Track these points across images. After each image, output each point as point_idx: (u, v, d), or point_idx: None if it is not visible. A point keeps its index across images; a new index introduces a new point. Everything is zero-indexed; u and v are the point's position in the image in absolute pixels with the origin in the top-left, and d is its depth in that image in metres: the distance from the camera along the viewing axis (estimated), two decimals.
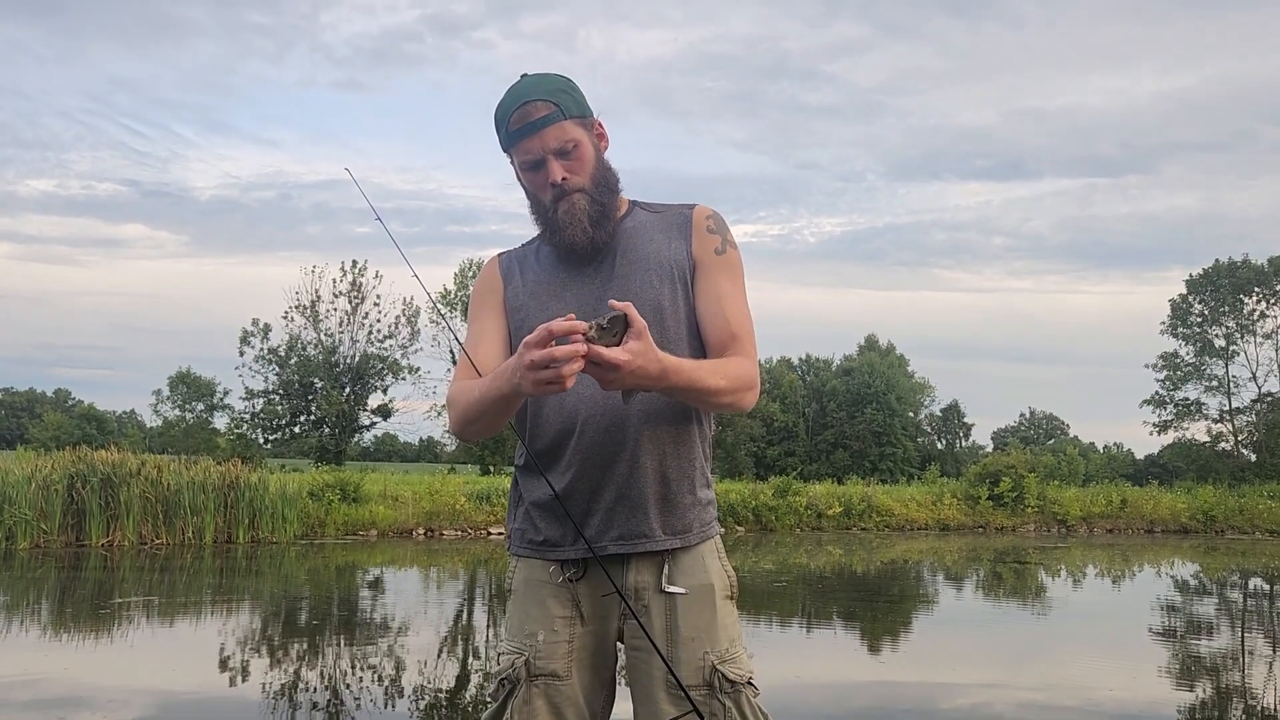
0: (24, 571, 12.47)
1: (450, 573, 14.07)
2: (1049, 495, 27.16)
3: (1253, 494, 29.83)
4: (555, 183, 1.83)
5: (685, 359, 1.74)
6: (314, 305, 39.11)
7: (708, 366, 1.78)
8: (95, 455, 16.25)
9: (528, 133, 1.82)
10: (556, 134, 1.82)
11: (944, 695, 6.34)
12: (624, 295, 1.85)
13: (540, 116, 1.81)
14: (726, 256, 1.91)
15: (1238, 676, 7.28)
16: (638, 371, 1.58)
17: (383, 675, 6.64)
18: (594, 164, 1.87)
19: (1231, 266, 43.50)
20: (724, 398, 1.77)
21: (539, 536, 1.89)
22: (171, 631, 8.39)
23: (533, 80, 1.86)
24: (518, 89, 1.85)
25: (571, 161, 1.84)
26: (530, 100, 1.82)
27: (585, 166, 1.85)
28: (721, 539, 1.97)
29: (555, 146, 1.82)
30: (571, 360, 1.51)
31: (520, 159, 1.86)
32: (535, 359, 1.52)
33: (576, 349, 1.51)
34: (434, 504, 20.30)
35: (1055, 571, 15.83)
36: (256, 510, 17.09)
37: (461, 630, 9.03)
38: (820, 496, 25.06)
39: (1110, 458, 57.09)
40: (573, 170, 1.84)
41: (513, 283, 1.97)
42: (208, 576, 12.74)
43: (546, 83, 1.85)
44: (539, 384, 1.54)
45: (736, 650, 1.84)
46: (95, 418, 62.18)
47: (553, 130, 1.81)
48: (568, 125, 1.83)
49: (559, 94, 1.83)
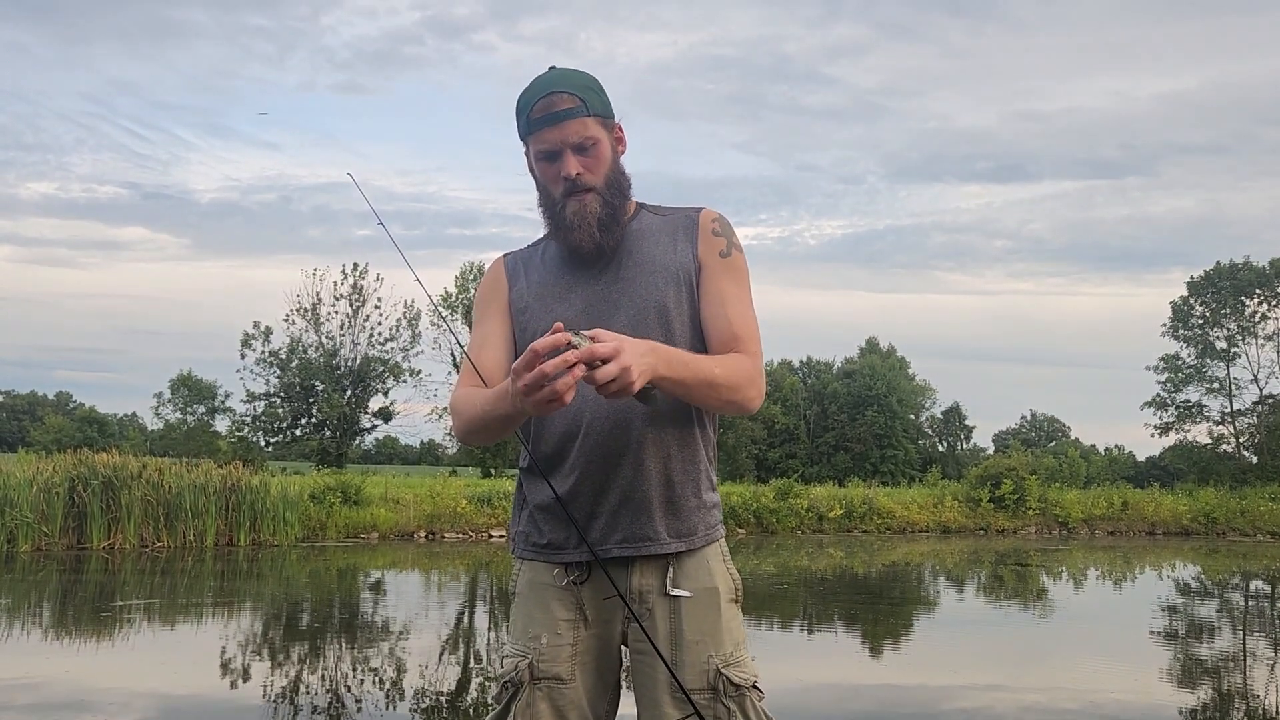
0: (25, 574, 12.47)
1: (451, 575, 14.06)
2: (1050, 497, 27.13)
3: (1254, 496, 29.79)
4: (569, 177, 1.82)
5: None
6: (315, 308, 39.15)
7: (703, 355, 1.79)
8: (96, 458, 16.26)
9: (550, 122, 1.81)
10: (578, 129, 1.82)
11: (945, 698, 6.33)
12: (630, 298, 1.85)
13: (565, 109, 1.81)
14: (731, 259, 1.90)
15: (1239, 679, 7.27)
16: (634, 347, 1.57)
17: (384, 678, 6.64)
18: (609, 166, 1.86)
19: (1233, 268, 43.46)
20: (723, 391, 1.76)
21: (543, 539, 1.88)
22: (172, 634, 8.39)
23: (561, 73, 1.85)
24: (545, 79, 1.85)
25: (588, 159, 1.83)
26: (557, 91, 1.81)
27: (601, 166, 1.85)
28: (725, 542, 1.96)
29: (575, 141, 1.82)
30: (563, 373, 1.50)
31: (537, 148, 1.85)
32: (528, 382, 1.52)
33: (564, 358, 1.50)
34: (435, 507, 20.30)
35: (1056, 574, 15.82)
36: (258, 513, 17.09)
37: (463, 633, 9.02)
38: (821, 499, 25.04)
39: (1111, 460, 57.02)
40: (588, 168, 1.83)
41: (518, 284, 1.96)
42: (209, 579, 12.74)
43: (575, 77, 1.85)
44: (539, 404, 1.54)
45: (741, 654, 1.84)
46: (96, 420, 62.17)
47: (575, 124, 1.81)
48: (590, 122, 1.83)
49: (586, 90, 1.84)
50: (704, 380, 1.73)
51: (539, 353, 1.51)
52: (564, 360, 1.50)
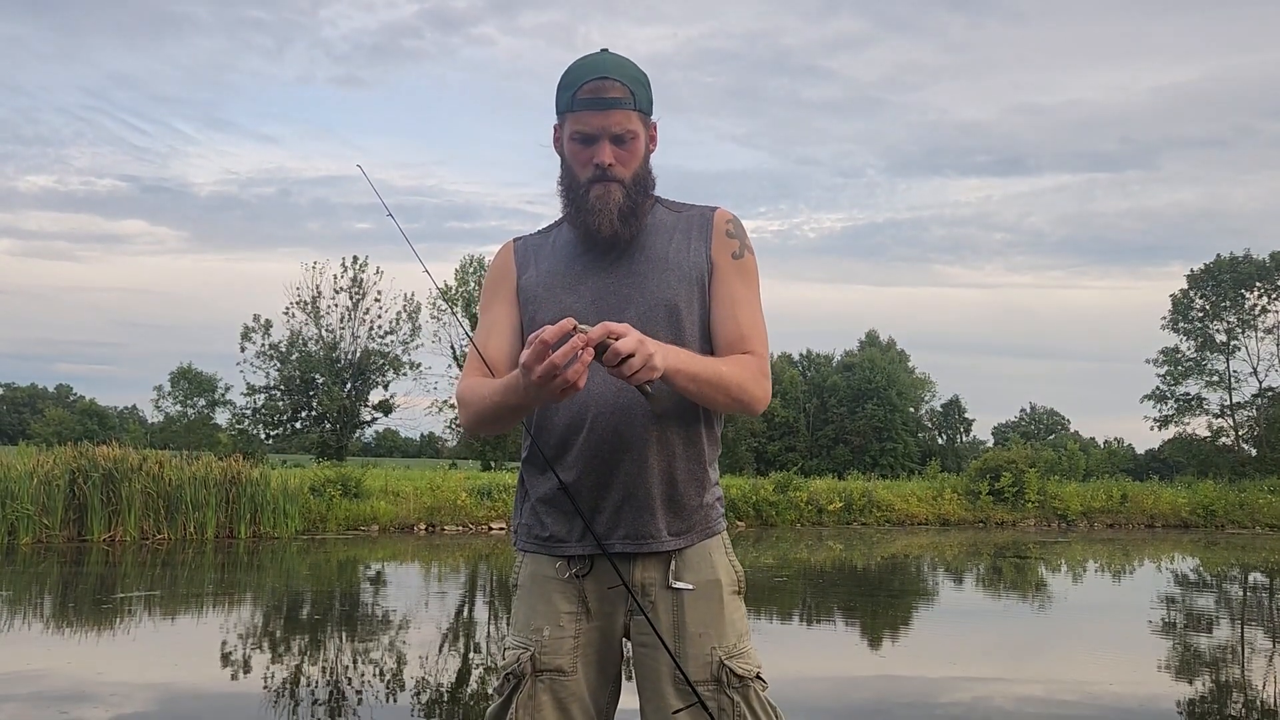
0: (26, 566, 12.49)
1: (451, 568, 14.09)
2: (1049, 490, 27.16)
3: (1253, 489, 29.83)
4: (601, 165, 1.81)
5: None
6: (315, 301, 39.09)
7: (711, 357, 1.80)
8: (97, 451, 16.27)
9: (596, 107, 1.80)
10: (622, 119, 1.81)
11: (944, 690, 6.35)
12: (641, 293, 1.85)
13: (614, 96, 1.80)
14: (744, 261, 1.91)
15: (1237, 671, 7.29)
16: (644, 339, 1.58)
17: (384, 670, 6.66)
18: (640, 162, 1.86)
19: (1233, 261, 43.45)
20: (732, 390, 1.77)
21: (545, 532, 1.88)
22: (173, 626, 8.41)
23: (616, 60, 1.84)
24: (599, 60, 1.83)
25: (624, 151, 1.83)
26: (610, 77, 1.81)
27: (634, 161, 1.84)
28: (727, 534, 1.97)
29: (616, 131, 1.81)
30: (573, 360, 1.50)
31: (575, 127, 1.83)
32: (540, 374, 1.52)
33: (573, 344, 1.50)
34: (435, 499, 20.32)
35: (1055, 566, 15.84)
36: (258, 506, 17.11)
37: (463, 625, 9.04)
38: (821, 492, 25.06)
39: (1111, 453, 56.99)
40: (621, 160, 1.82)
41: (527, 271, 1.94)
42: (209, 572, 12.76)
43: (629, 68, 1.84)
44: (553, 394, 1.54)
45: (745, 645, 1.85)
46: (97, 413, 62.24)
47: (620, 115, 1.81)
48: (634, 116, 1.83)
49: (637, 84, 1.83)
50: (713, 379, 1.74)
51: (547, 343, 1.51)
52: (572, 347, 1.50)
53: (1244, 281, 43.10)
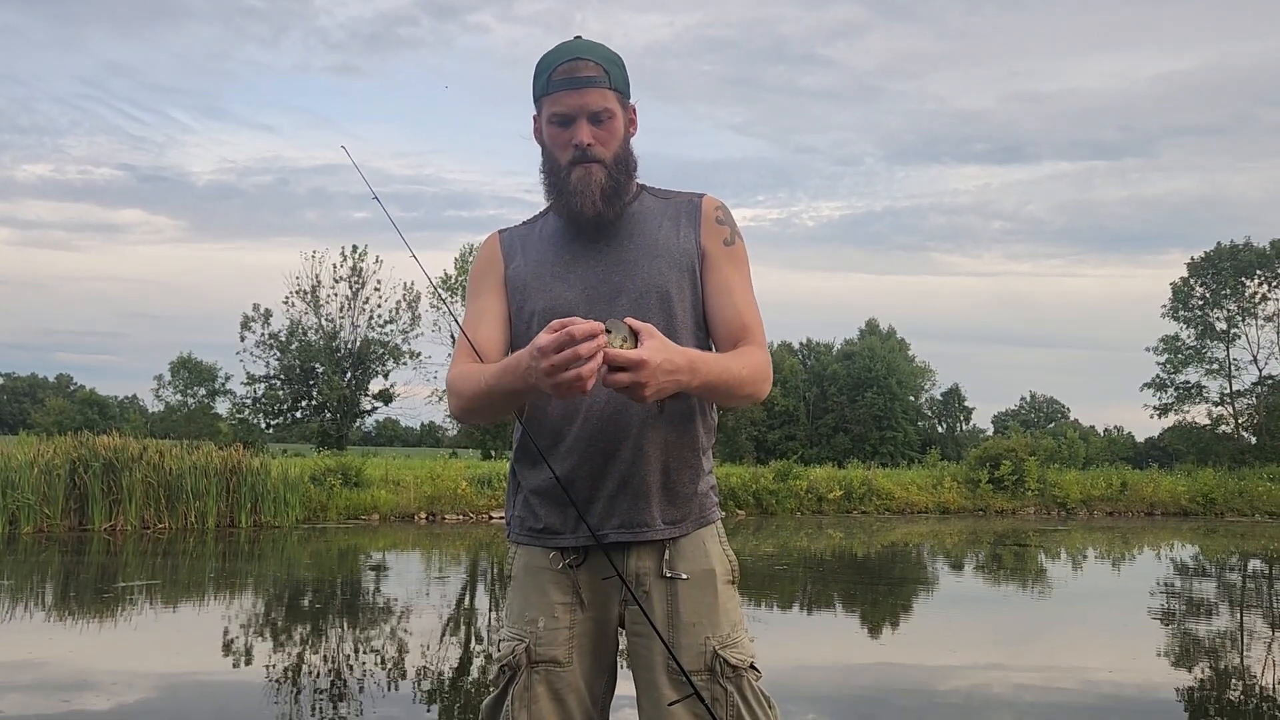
0: (27, 556, 12.51)
1: (452, 557, 14.12)
2: (1049, 478, 27.18)
3: (1253, 476, 29.85)
4: (580, 144, 1.80)
5: (707, 352, 1.74)
6: (314, 290, 39.11)
7: (729, 356, 1.78)
8: (97, 440, 16.28)
9: (570, 86, 1.80)
10: (597, 98, 1.81)
11: (943, 677, 6.37)
12: (631, 280, 1.84)
13: (588, 75, 1.80)
14: (735, 248, 1.90)
15: (1235, 658, 7.31)
16: (666, 365, 1.56)
17: (385, 658, 6.67)
18: (620, 142, 1.85)
19: (1233, 249, 43.38)
20: (747, 388, 1.77)
21: (539, 524, 1.88)
22: (174, 615, 8.43)
23: (588, 43, 1.85)
24: (572, 45, 1.84)
25: (602, 131, 1.82)
26: (583, 58, 1.81)
27: (613, 141, 1.84)
28: (722, 523, 1.97)
29: (592, 110, 1.81)
30: (591, 359, 1.49)
31: (552, 110, 1.83)
32: (556, 362, 1.50)
33: (599, 343, 1.49)
34: (435, 488, 20.34)
35: (1055, 554, 15.87)
36: (259, 495, 17.13)
37: (464, 614, 9.06)
38: (821, 480, 25.09)
39: (1110, 441, 57.07)
40: (600, 140, 1.82)
41: (514, 260, 1.94)
42: (210, 561, 12.79)
43: (602, 50, 1.85)
44: (557, 386, 1.52)
45: (738, 635, 1.85)
46: (97, 403, 62.19)
47: (595, 93, 1.80)
48: (610, 94, 1.82)
49: (610, 64, 1.84)
50: (731, 383, 1.74)
51: (575, 337, 1.49)
52: (598, 345, 1.49)
53: (1244, 269, 43.02)
